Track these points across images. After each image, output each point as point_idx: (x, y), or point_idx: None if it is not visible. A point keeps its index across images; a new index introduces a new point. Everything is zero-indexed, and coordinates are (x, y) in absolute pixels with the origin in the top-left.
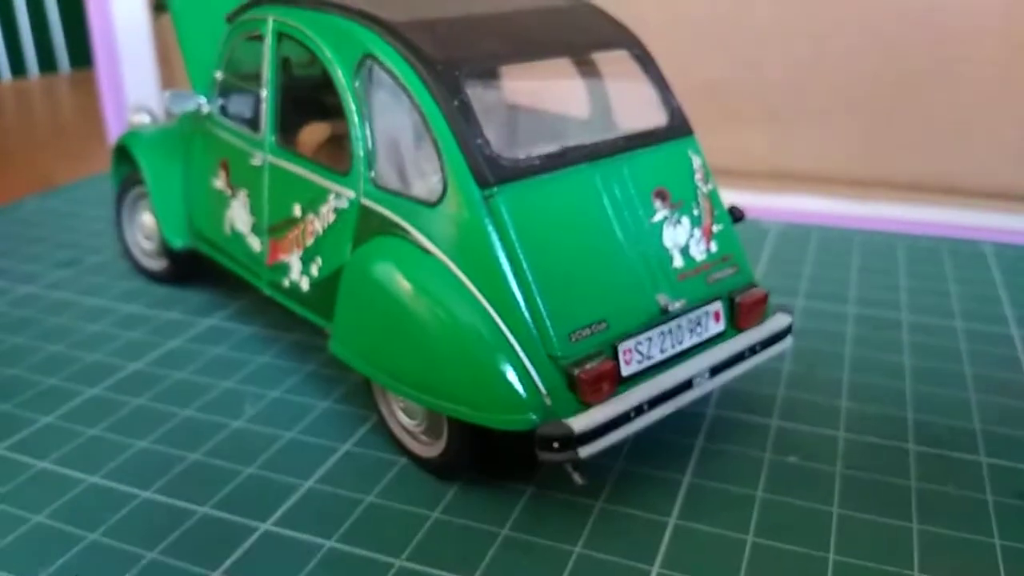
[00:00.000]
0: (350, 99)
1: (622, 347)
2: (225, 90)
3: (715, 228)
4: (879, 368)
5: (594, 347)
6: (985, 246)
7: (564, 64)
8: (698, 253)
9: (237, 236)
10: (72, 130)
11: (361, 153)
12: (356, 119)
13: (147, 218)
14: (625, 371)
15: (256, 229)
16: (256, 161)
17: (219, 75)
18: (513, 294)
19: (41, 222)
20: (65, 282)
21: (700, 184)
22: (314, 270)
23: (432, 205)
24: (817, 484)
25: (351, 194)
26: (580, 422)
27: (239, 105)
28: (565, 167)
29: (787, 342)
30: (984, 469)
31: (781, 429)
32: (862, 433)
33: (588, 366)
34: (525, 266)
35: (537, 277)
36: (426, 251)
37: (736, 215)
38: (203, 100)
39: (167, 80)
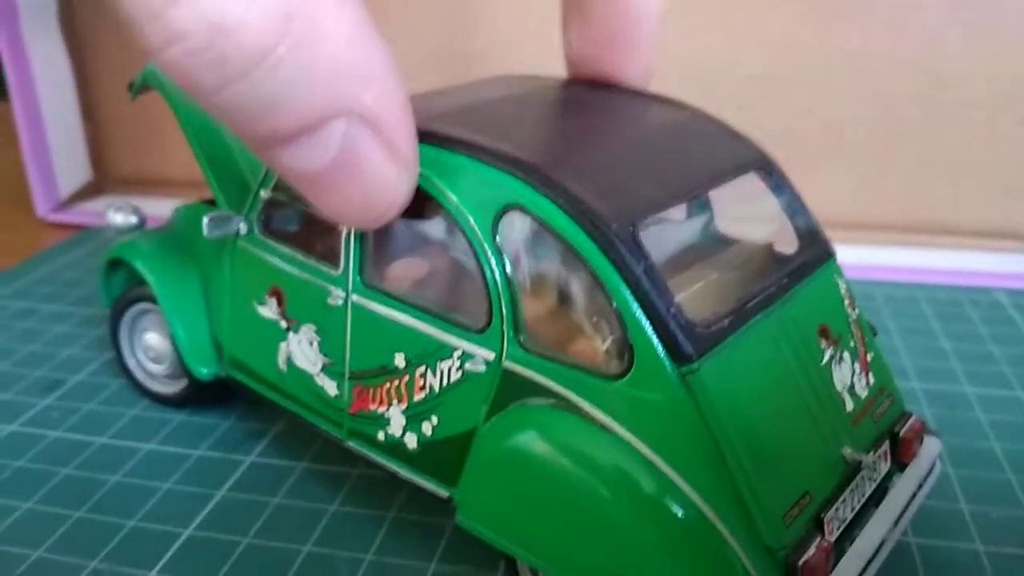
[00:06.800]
0: (489, 254)
1: (827, 518)
2: (275, 211)
3: (869, 357)
4: (975, 459)
5: (804, 526)
6: (999, 294)
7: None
8: (861, 390)
9: (298, 373)
10: None
11: (505, 312)
12: (497, 276)
13: (153, 339)
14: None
15: (329, 371)
16: (335, 300)
17: (266, 194)
18: (724, 480)
19: None
20: (56, 414)
21: (849, 311)
22: (426, 428)
23: (612, 378)
24: None
25: (489, 355)
26: None
27: (300, 231)
28: (747, 321)
29: (937, 469)
30: None
31: (922, 547)
32: (1000, 544)
33: (810, 552)
34: (735, 445)
35: (747, 456)
36: (603, 427)
37: (872, 332)
38: (240, 219)
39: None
